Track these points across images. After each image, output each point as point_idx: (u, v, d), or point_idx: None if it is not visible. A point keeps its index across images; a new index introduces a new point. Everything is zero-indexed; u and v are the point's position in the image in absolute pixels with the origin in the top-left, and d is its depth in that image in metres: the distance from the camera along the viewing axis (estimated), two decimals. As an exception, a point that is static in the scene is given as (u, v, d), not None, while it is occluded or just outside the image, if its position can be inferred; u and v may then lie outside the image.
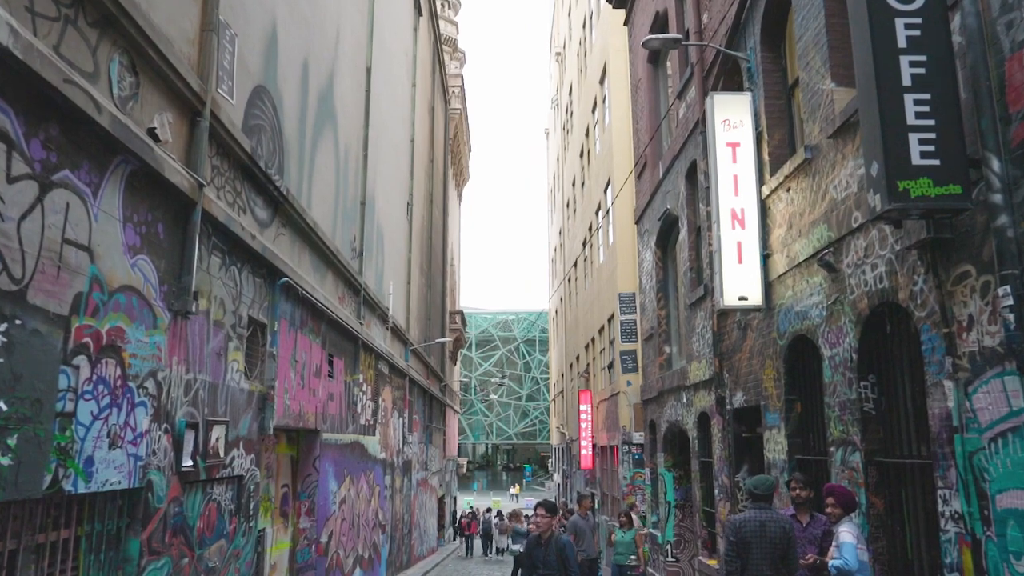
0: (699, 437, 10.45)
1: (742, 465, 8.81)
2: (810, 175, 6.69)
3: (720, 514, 9.33)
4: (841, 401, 6.00)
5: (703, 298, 10.07)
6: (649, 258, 13.76)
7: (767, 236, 7.79)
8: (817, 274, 6.47)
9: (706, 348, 9.91)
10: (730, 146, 7.98)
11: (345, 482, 11.55)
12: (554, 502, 6.37)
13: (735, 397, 8.80)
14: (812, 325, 6.57)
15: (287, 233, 8.58)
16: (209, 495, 6.26)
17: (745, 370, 8.43)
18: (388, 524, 15.82)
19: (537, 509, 6.56)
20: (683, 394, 11.21)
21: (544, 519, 6.45)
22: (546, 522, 6.44)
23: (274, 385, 7.83)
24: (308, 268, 9.54)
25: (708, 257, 9.67)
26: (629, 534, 11.31)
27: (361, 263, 12.92)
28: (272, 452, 8.83)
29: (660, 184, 12.70)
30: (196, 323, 5.90)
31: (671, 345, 12.83)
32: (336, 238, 11.25)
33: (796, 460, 7.10)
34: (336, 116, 11.21)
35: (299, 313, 9.05)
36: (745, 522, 5.27)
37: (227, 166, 6.64)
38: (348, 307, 12.01)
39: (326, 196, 10.69)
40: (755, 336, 8.11)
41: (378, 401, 14.64)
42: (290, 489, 9.62)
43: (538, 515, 6.52)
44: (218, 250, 6.41)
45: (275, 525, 8.97)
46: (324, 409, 10.25)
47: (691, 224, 10.96)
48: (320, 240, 9.81)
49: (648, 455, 14.10)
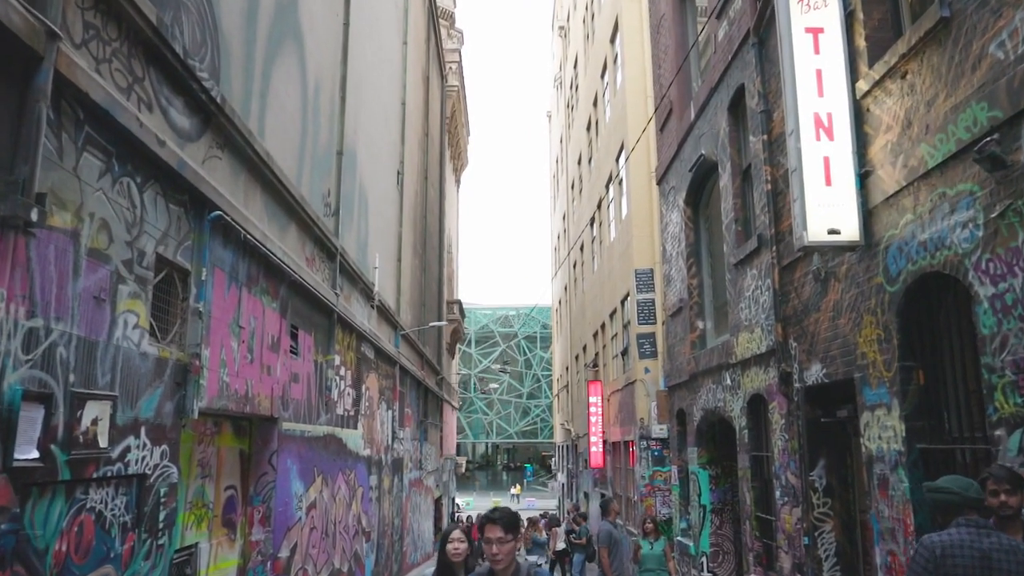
0: (749, 426, 8.45)
1: (818, 460, 6.81)
2: (947, 43, 4.69)
3: (784, 522, 7.33)
4: (1017, 359, 4.00)
5: (756, 252, 8.07)
6: (676, 220, 11.76)
7: (864, 149, 5.79)
8: (966, 178, 4.47)
9: (761, 314, 7.91)
10: (810, 32, 5.97)
11: (316, 483, 9.55)
12: (516, 514, 3.63)
13: (808, 371, 6.80)
14: (955, 255, 4.57)
15: (225, 158, 6.58)
16: (80, 503, 4.27)
17: (826, 335, 6.43)
18: (375, 530, 13.80)
19: (487, 528, 3.34)
20: (726, 375, 9.21)
21: (503, 543, 3.31)
22: (507, 549, 3.35)
23: (201, 353, 5.83)
24: (260, 211, 7.55)
25: (764, 199, 7.68)
26: (658, 545, 9.26)
27: (338, 223, 10.91)
28: (210, 444, 6.84)
29: (691, 128, 10.71)
30: (48, 244, 3.91)
31: (705, 319, 10.83)
32: (303, 186, 9.26)
33: (919, 450, 5.09)
34: (303, 37, 9.20)
35: (246, 266, 7.05)
36: (952, 549, 3.21)
37: (116, 34, 4.64)
38: (320, 273, 10.00)
39: (288, 131, 8.69)
40: (844, 287, 6.11)
41: (361, 389, 12.61)
42: (238, 492, 7.62)
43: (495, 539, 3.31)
44: (97, 148, 4.41)
45: (215, 538, 6.97)
46: (285, 392, 8.26)
47: (736, 166, 8.97)
48: (278, 180, 7.82)
49: (676, 450, 12.09)
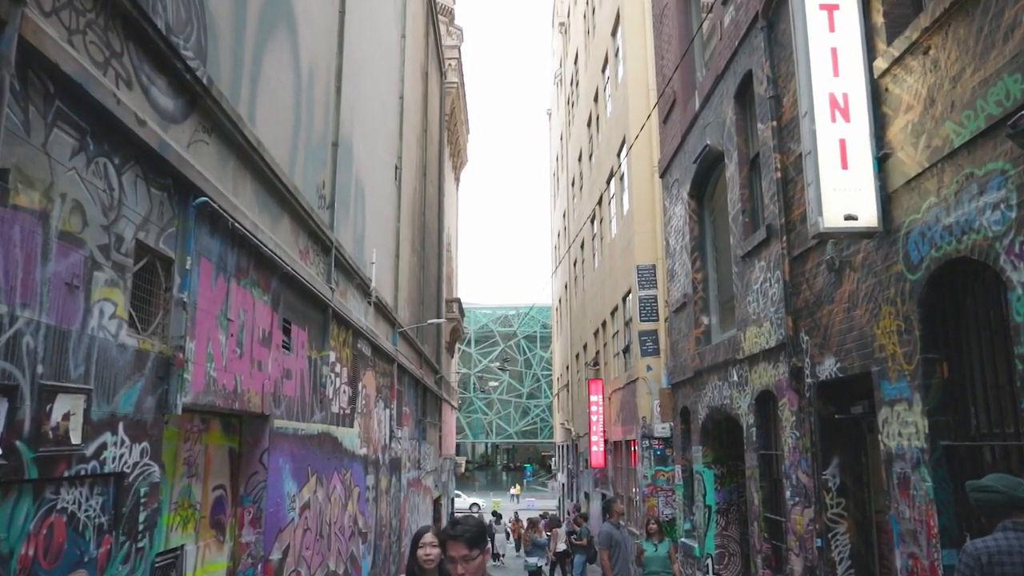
0: (758, 424, 8.17)
1: (831, 458, 6.53)
2: (975, 13, 4.42)
3: (795, 523, 7.05)
4: (1055, 349, 3.72)
5: (764, 243, 7.79)
6: (679, 213, 11.48)
7: (883, 130, 5.51)
8: (997, 156, 4.19)
9: (770, 307, 7.63)
10: (825, 9, 5.69)
11: (310, 482, 9.26)
12: (482, 526, 2.94)
13: (821, 366, 6.52)
14: (985, 239, 4.29)
15: (212, 143, 6.30)
16: (50, 503, 3.99)
17: (840, 327, 6.15)
18: (371, 531, 13.52)
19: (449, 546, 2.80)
20: (732, 371, 8.93)
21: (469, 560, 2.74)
22: (474, 567, 2.74)
23: (185, 346, 5.55)
24: (251, 200, 7.27)
25: (773, 187, 7.40)
26: (662, 547, 8.98)
27: (333, 216, 10.63)
28: (197, 442, 6.56)
29: (696, 119, 10.43)
30: (13, 224, 3.63)
31: (710, 314, 10.55)
32: (297, 177, 8.98)
33: (943, 447, 4.81)
34: (296, 22, 8.92)
35: (235, 256, 6.77)
36: (1000, 556, 2.96)
37: (91, 4, 4.36)
38: (314, 266, 9.72)
39: (281, 119, 8.41)
40: (860, 276, 5.83)
41: (357, 387, 12.33)
42: (227, 492, 7.34)
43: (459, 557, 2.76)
44: (70, 124, 4.13)
45: (202, 540, 6.69)
46: (277, 389, 7.98)
47: (743, 155, 8.69)
48: (269, 168, 7.54)
49: (679, 449, 11.81)
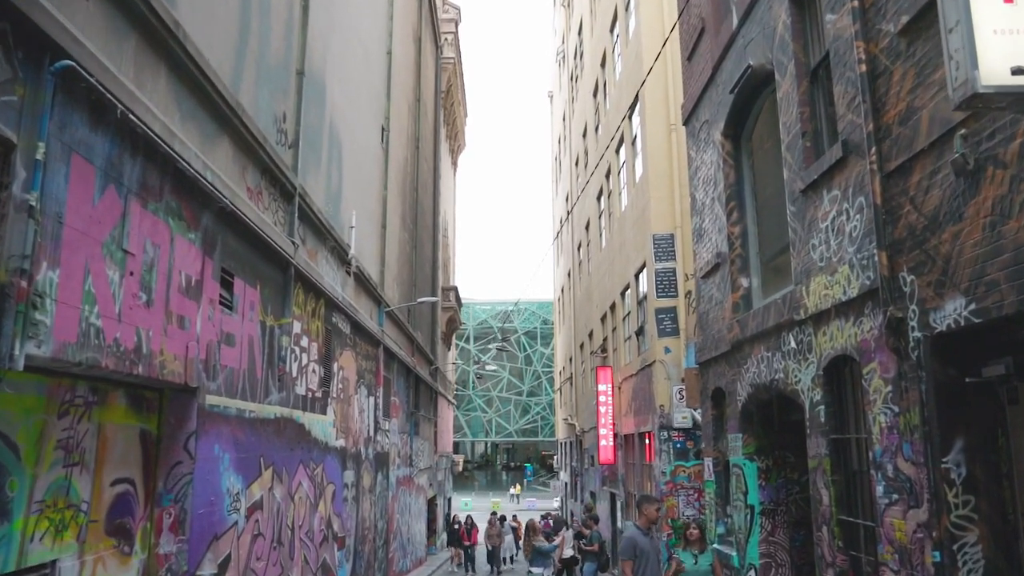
0: (827, 400, 6.40)
1: (953, 441, 4.76)
2: None
3: (892, 529, 5.27)
4: None
5: (839, 165, 6.02)
6: (709, 160, 9.71)
7: (1064, -53, 3.73)
8: None
9: (849, 246, 5.87)
10: None
11: (262, 477, 7.49)
12: None
13: (940, 311, 4.75)
14: None
15: (97, 3, 4.53)
16: None
17: (975, 252, 4.38)
18: (351, 535, 11.75)
19: None
20: (788, 336, 7.16)
21: None
22: None
23: (37, 273, 3.80)
24: (166, 100, 5.49)
25: (854, 89, 5.63)
26: (704, 559, 7.20)
27: (297, 158, 8.86)
28: (82, 419, 4.81)
29: (733, 40, 8.66)
30: None
31: (750, 275, 8.78)
32: (243, 95, 7.21)
33: None
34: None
35: (137, 168, 5.00)
36: None
37: None
38: (271, 213, 7.96)
39: (220, 16, 6.65)
40: (1015, 173, 4.05)
41: (332, 367, 10.56)
42: (137, 488, 5.56)
43: None
44: None
45: (91, 553, 4.93)
46: (211, 356, 6.21)
47: (800, 66, 6.93)
48: (197, 67, 5.78)
49: (710, 439, 10.02)
